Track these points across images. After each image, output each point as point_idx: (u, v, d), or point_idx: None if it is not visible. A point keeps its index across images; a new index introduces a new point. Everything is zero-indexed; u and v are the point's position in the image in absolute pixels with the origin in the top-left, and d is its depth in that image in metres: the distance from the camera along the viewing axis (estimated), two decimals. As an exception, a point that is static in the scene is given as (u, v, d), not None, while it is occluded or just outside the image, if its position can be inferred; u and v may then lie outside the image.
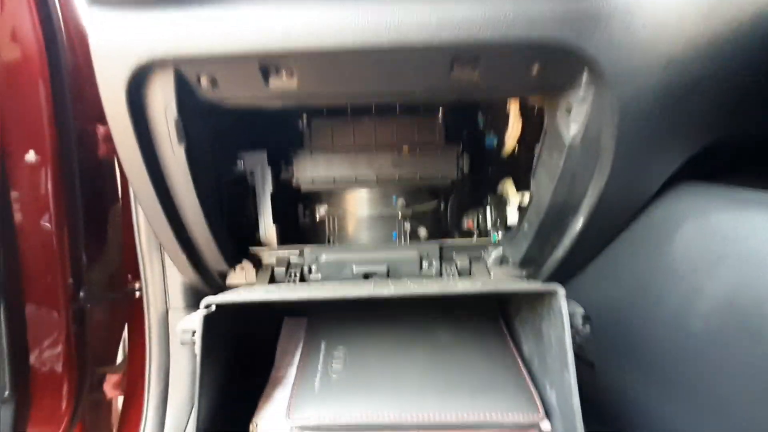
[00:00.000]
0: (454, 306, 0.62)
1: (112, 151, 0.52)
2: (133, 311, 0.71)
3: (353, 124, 0.75)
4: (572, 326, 0.44)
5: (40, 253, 0.57)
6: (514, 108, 0.70)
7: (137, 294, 0.70)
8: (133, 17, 0.43)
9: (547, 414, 0.48)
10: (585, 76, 0.46)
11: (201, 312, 0.44)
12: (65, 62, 0.60)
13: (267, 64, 0.47)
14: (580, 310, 0.46)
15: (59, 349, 0.58)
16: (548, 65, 0.46)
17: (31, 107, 0.57)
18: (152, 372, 0.63)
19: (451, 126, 0.79)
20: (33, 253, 0.57)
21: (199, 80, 0.48)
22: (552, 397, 0.49)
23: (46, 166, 0.58)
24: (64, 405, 0.59)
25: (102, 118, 0.48)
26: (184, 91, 0.48)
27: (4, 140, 0.56)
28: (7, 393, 0.53)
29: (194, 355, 0.64)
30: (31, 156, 0.57)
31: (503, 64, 0.46)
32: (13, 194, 0.56)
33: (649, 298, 0.57)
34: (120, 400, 0.70)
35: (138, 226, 0.64)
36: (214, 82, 0.49)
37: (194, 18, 0.43)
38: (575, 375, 0.43)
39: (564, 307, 0.44)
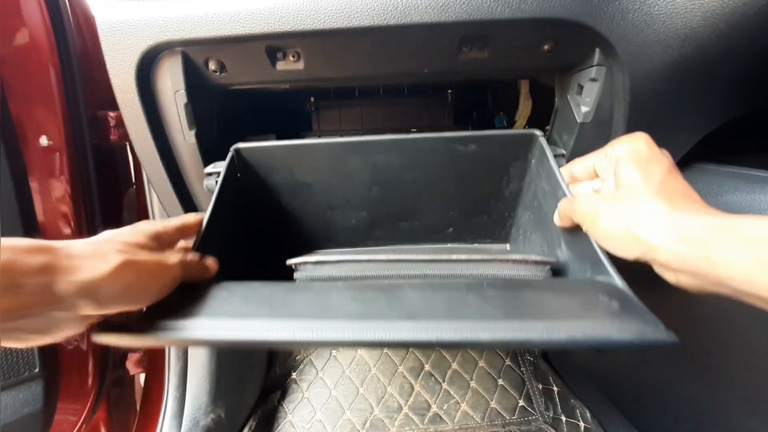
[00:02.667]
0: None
1: (125, 136, 0.53)
2: (150, 292, 0.73)
3: (361, 107, 0.75)
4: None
5: (60, 236, 0.59)
6: (524, 88, 0.69)
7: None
8: (139, 1, 0.43)
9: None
10: (597, 54, 0.45)
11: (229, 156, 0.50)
12: (73, 47, 0.60)
13: (274, 47, 0.46)
14: (560, 150, 0.52)
15: (83, 328, 0.61)
16: (559, 44, 0.45)
17: (42, 92, 0.58)
18: (172, 350, 0.65)
19: (460, 107, 0.78)
20: (53, 236, 0.59)
21: (207, 64, 0.48)
22: (564, 252, 0.46)
23: (60, 151, 0.59)
24: (90, 381, 0.62)
25: (114, 104, 0.49)
26: (193, 75, 0.49)
27: (18, 126, 0.57)
28: (36, 369, 0.56)
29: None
30: (43, 141, 0.58)
31: (513, 43, 0.45)
32: (32, 180, 0.57)
33: (658, 282, 0.57)
34: (142, 377, 0.73)
35: (152, 210, 0.66)
36: (221, 66, 0.49)
37: (200, 1, 0.43)
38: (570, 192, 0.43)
39: (544, 143, 0.49)
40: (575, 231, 0.40)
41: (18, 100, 0.56)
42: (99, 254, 0.28)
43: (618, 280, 0.34)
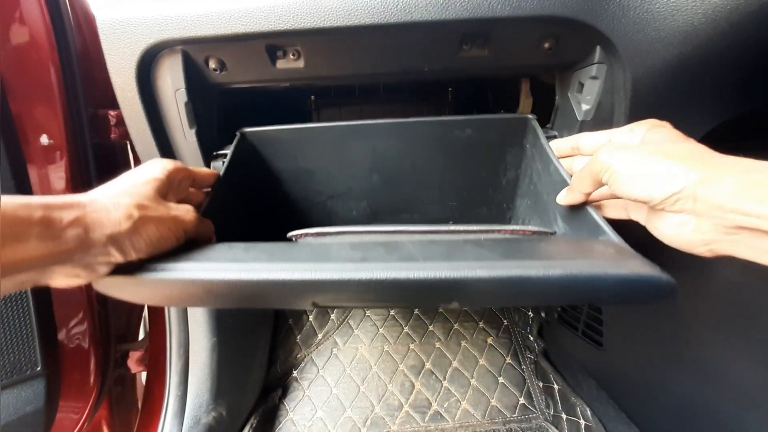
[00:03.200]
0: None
1: (126, 135, 0.53)
2: (151, 291, 0.73)
3: (361, 105, 0.75)
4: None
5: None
6: (524, 86, 0.68)
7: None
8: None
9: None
10: (597, 52, 0.45)
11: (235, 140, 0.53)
12: (74, 46, 0.60)
13: (274, 45, 0.46)
14: (552, 132, 0.55)
15: (84, 327, 0.61)
16: (559, 42, 0.45)
17: (42, 91, 0.58)
18: (173, 348, 0.65)
19: (461, 105, 0.78)
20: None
21: (207, 63, 0.48)
22: (561, 227, 0.45)
23: (61, 150, 0.59)
24: (91, 379, 0.63)
25: (114, 103, 0.49)
26: (193, 73, 0.49)
27: (19, 125, 0.57)
28: (39, 368, 0.56)
29: (210, 333, 0.66)
30: (44, 140, 0.58)
31: (513, 41, 0.45)
32: (32, 179, 0.58)
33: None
34: (143, 376, 0.73)
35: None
36: (222, 65, 0.49)
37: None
38: (564, 168, 0.43)
39: (536, 125, 0.51)
40: (573, 206, 0.40)
41: (18, 99, 0.56)
42: (120, 209, 0.31)
43: (614, 237, 0.34)
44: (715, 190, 0.27)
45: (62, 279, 0.29)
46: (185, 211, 0.37)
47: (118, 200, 0.32)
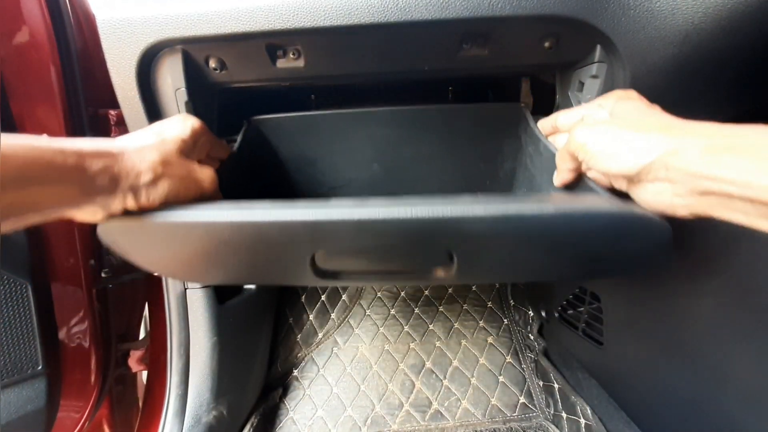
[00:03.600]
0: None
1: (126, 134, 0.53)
2: (152, 291, 0.73)
3: (361, 105, 0.75)
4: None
5: (62, 236, 0.59)
6: (525, 85, 0.68)
7: (156, 274, 0.72)
8: (139, -2, 0.43)
9: None
10: (598, 51, 0.45)
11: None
12: (74, 45, 0.60)
13: (274, 44, 0.46)
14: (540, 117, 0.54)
15: (85, 326, 0.61)
16: (560, 41, 0.45)
17: (42, 91, 0.58)
18: (174, 348, 0.65)
19: (461, 104, 0.78)
20: (55, 237, 0.59)
21: (207, 62, 0.48)
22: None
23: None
24: (92, 379, 0.63)
25: (115, 102, 0.49)
26: (194, 73, 0.49)
27: (19, 124, 0.57)
28: (40, 367, 0.57)
29: (211, 332, 0.66)
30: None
31: (513, 40, 0.45)
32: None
33: (660, 278, 0.57)
34: (144, 375, 0.73)
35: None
36: (222, 64, 0.49)
37: (201, -1, 0.43)
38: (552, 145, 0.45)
39: (528, 115, 0.52)
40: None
41: (19, 98, 0.56)
42: (146, 163, 0.34)
43: (607, 196, 0.35)
44: (683, 158, 0.28)
45: (82, 215, 0.33)
46: (207, 175, 0.39)
47: (144, 155, 0.34)
